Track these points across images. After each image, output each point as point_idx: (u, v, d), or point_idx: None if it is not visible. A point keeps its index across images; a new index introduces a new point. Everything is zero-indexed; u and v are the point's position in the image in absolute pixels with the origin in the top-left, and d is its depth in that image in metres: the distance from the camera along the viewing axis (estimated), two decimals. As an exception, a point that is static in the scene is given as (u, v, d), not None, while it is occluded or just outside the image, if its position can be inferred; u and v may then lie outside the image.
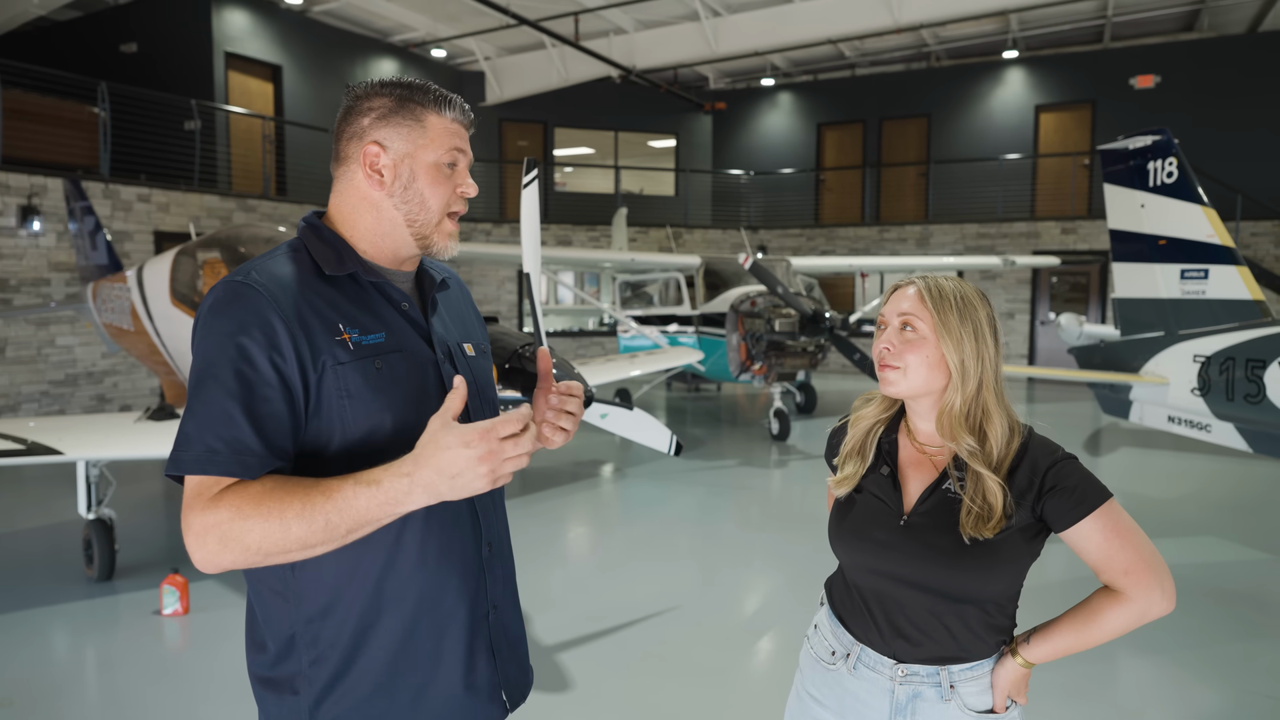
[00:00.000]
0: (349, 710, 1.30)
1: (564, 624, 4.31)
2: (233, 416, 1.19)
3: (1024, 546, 1.48)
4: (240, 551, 1.15)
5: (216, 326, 1.24)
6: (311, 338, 1.26)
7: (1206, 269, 5.73)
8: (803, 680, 1.69)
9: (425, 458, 1.13)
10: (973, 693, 1.51)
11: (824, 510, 6.35)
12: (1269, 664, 3.92)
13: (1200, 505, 6.77)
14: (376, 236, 1.38)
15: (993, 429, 1.49)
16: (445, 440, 1.12)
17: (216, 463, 1.18)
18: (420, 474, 1.13)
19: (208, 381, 1.22)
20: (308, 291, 1.30)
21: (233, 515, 1.15)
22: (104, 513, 4.99)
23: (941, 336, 1.49)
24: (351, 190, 1.39)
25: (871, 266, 12.99)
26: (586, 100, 17.28)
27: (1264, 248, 13.79)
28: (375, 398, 1.28)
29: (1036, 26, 15.47)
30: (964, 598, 1.48)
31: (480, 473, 1.12)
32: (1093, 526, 1.45)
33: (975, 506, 1.45)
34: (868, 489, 1.59)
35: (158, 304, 6.41)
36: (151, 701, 3.57)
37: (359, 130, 1.37)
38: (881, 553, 1.53)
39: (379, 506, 1.14)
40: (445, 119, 1.38)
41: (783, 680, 3.79)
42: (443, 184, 1.38)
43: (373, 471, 1.15)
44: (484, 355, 1.55)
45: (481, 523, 1.41)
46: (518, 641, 1.51)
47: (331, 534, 1.15)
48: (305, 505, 1.14)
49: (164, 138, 11.36)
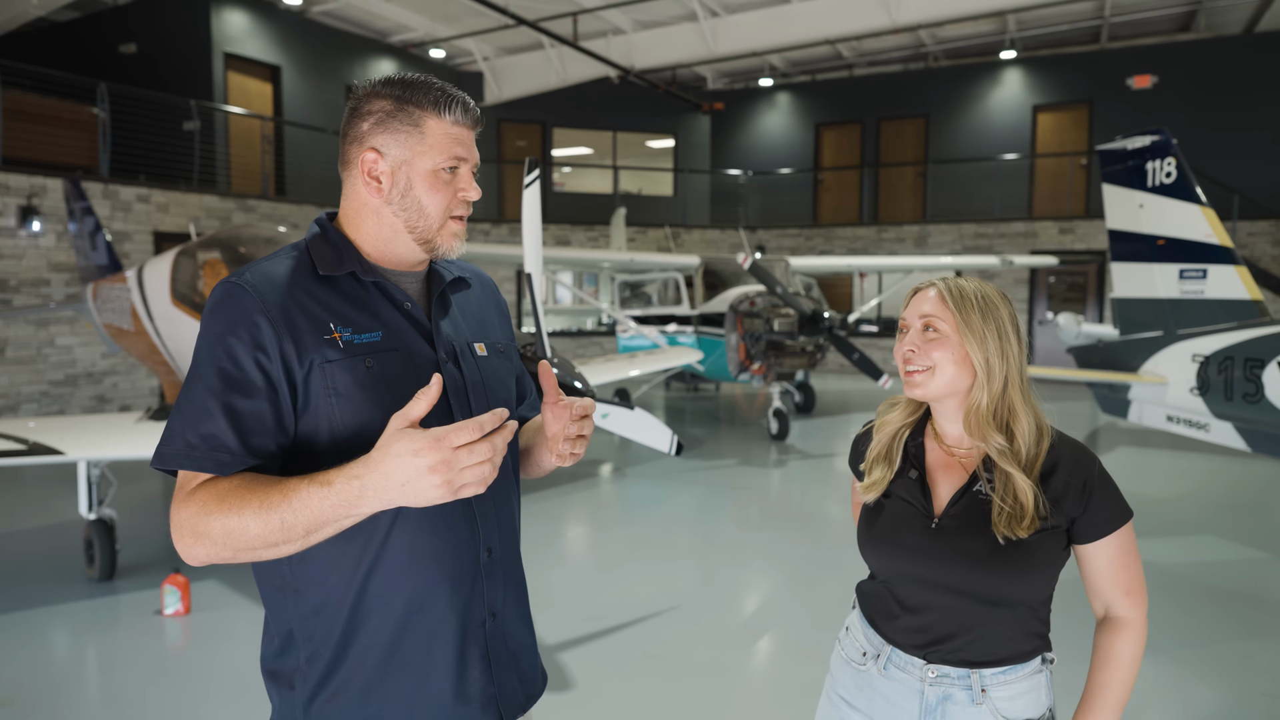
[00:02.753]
0: (341, 709, 1.30)
1: (564, 624, 4.32)
2: (212, 414, 1.22)
3: (1056, 548, 1.48)
4: (210, 546, 1.17)
5: (208, 327, 1.27)
6: (298, 336, 1.26)
7: (1205, 269, 5.75)
8: (834, 683, 1.68)
9: (375, 462, 1.11)
10: (1004, 697, 1.49)
11: (824, 510, 6.35)
12: (1268, 662, 3.93)
13: (1199, 504, 6.79)
14: (380, 241, 1.38)
15: (1020, 427, 1.50)
16: (395, 446, 1.09)
17: (193, 458, 1.21)
18: (369, 478, 1.11)
19: (194, 380, 1.25)
20: (298, 291, 1.30)
21: (199, 511, 1.18)
22: (105, 513, 4.99)
23: (965, 336, 1.50)
24: (355, 195, 1.38)
25: (870, 266, 13.01)
26: (585, 100, 17.28)
27: (1261, 247, 13.82)
28: (365, 396, 1.28)
29: (1034, 27, 15.49)
30: (997, 600, 1.47)
31: (434, 482, 1.08)
32: (1114, 542, 1.48)
33: (1006, 507, 1.45)
34: (896, 494, 1.58)
35: (158, 304, 6.42)
36: (152, 701, 3.58)
37: (359, 135, 1.36)
38: (913, 557, 1.52)
39: (332, 508, 1.13)
40: (445, 123, 1.35)
41: (783, 680, 3.80)
42: (442, 190, 1.35)
43: (328, 473, 1.14)
44: (499, 355, 1.51)
45: (480, 527, 1.37)
46: (521, 652, 1.46)
47: (290, 534, 1.14)
48: (262, 504, 1.15)
49: (163, 138, 11.35)
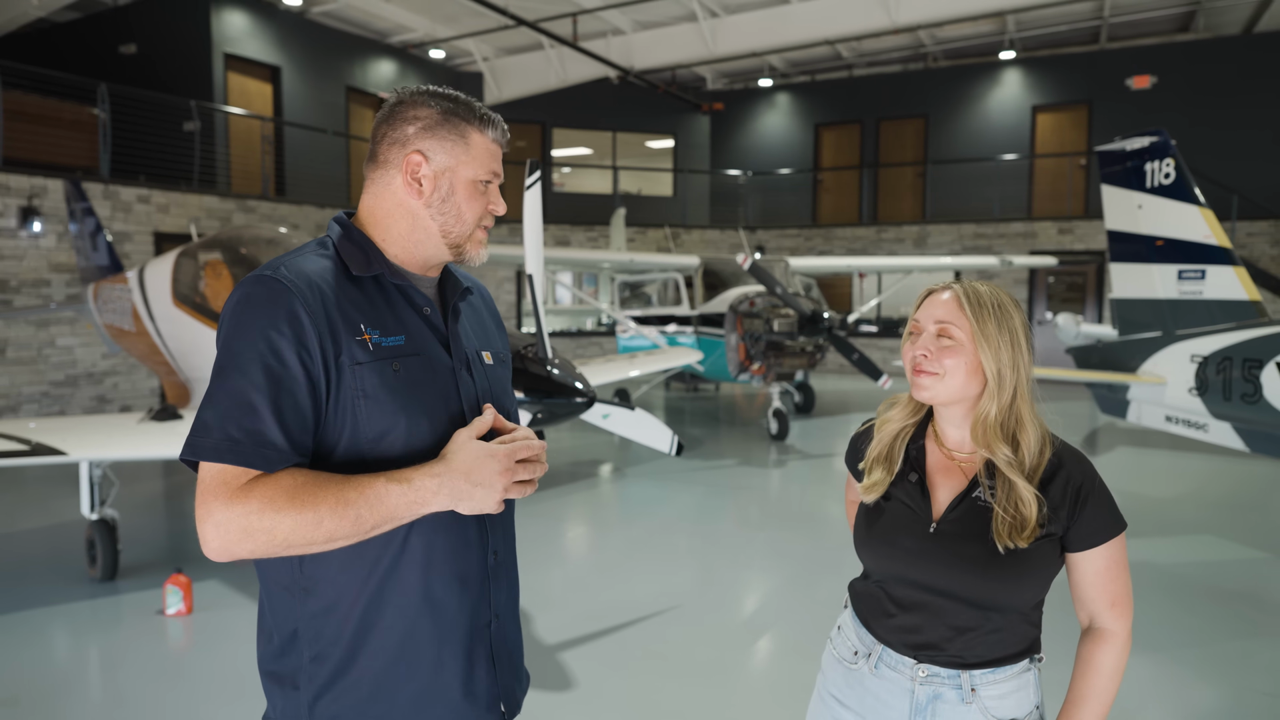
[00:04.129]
0: (347, 709, 1.31)
1: (564, 623, 4.33)
2: (257, 409, 1.20)
3: (1052, 555, 1.49)
4: (264, 542, 1.17)
5: (247, 319, 1.24)
6: (336, 336, 1.27)
7: (1203, 269, 5.76)
8: (825, 682, 1.69)
9: (457, 463, 1.25)
10: (994, 696, 1.50)
11: (824, 509, 6.35)
12: (1266, 661, 3.94)
13: (1198, 504, 6.80)
14: (410, 243, 1.39)
15: (1025, 437, 1.49)
16: (474, 449, 1.26)
17: (238, 452, 1.19)
18: (449, 477, 1.24)
19: (232, 373, 1.22)
20: (334, 290, 1.31)
21: (263, 507, 1.16)
22: (107, 513, 5.00)
23: (980, 344, 1.48)
24: (388, 195, 1.39)
25: (869, 266, 13.02)
26: (584, 101, 17.29)
27: (1260, 247, 13.83)
28: (391, 399, 1.29)
29: (1033, 27, 15.50)
30: (992, 605, 1.48)
31: (498, 486, 1.26)
32: (1104, 553, 1.49)
33: (1008, 516, 1.45)
34: (896, 496, 1.57)
35: (159, 305, 6.43)
36: (154, 701, 3.59)
37: (403, 138, 1.37)
38: (910, 560, 1.53)
39: (407, 505, 1.22)
40: (487, 138, 1.41)
41: (783, 679, 3.81)
42: (478, 199, 1.41)
43: (405, 471, 1.23)
44: (502, 364, 1.55)
45: (488, 531, 1.41)
46: (515, 651, 1.51)
47: (359, 528, 1.20)
48: (339, 500, 1.18)
49: (164, 139, 11.36)
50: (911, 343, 1.55)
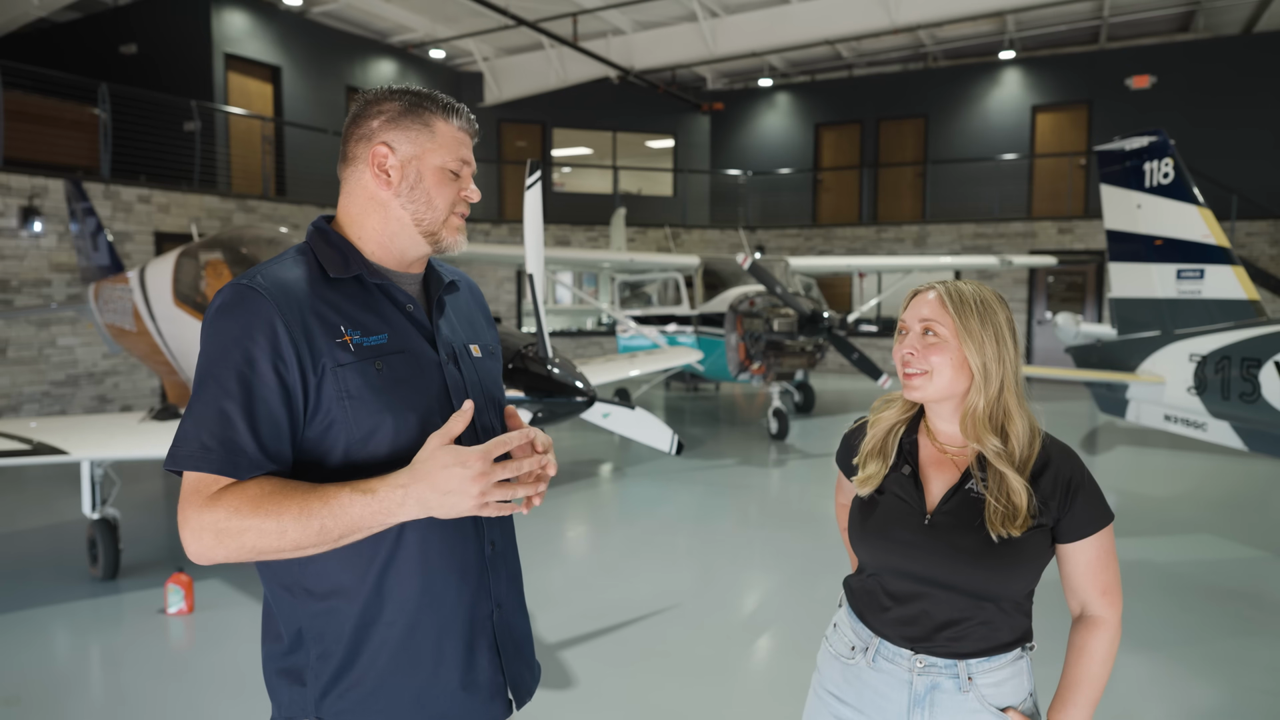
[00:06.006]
0: (354, 704, 1.33)
1: (565, 622, 4.34)
2: (230, 418, 1.23)
3: (1044, 545, 1.53)
4: (235, 549, 1.20)
5: (222, 328, 1.27)
6: (313, 341, 1.28)
7: (1202, 269, 5.78)
8: (821, 679, 1.70)
9: (422, 473, 1.21)
10: (990, 684, 1.53)
11: (823, 509, 6.34)
12: (1265, 660, 3.96)
13: (1196, 503, 6.81)
14: (384, 238, 1.40)
15: (1014, 429, 1.54)
16: (442, 458, 1.21)
17: (209, 460, 1.22)
18: (415, 487, 1.20)
19: (209, 382, 1.25)
20: (311, 295, 1.32)
21: (229, 515, 1.19)
22: (109, 512, 5.01)
23: (964, 340, 1.53)
24: (359, 190, 1.40)
25: (869, 266, 13.02)
26: (585, 101, 17.30)
27: (1259, 247, 13.84)
28: (376, 398, 1.30)
29: (1033, 27, 15.52)
30: (986, 595, 1.51)
31: (472, 493, 1.20)
32: (1094, 544, 1.53)
33: (1000, 506, 1.49)
34: (890, 489, 1.61)
35: (160, 305, 6.44)
36: (156, 699, 3.60)
37: (368, 132, 1.39)
38: (905, 552, 1.56)
39: (372, 515, 1.21)
40: (452, 126, 1.41)
41: (783, 678, 3.82)
42: (448, 186, 1.41)
43: (370, 481, 1.22)
44: (491, 356, 1.56)
45: (484, 522, 1.42)
46: (524, 640, 1.52)
47: (324, 538, 1.21)
48: (302, 510, 1.19)
49: (164, 139, 11.38)
50: (900, 342, 1.60)
